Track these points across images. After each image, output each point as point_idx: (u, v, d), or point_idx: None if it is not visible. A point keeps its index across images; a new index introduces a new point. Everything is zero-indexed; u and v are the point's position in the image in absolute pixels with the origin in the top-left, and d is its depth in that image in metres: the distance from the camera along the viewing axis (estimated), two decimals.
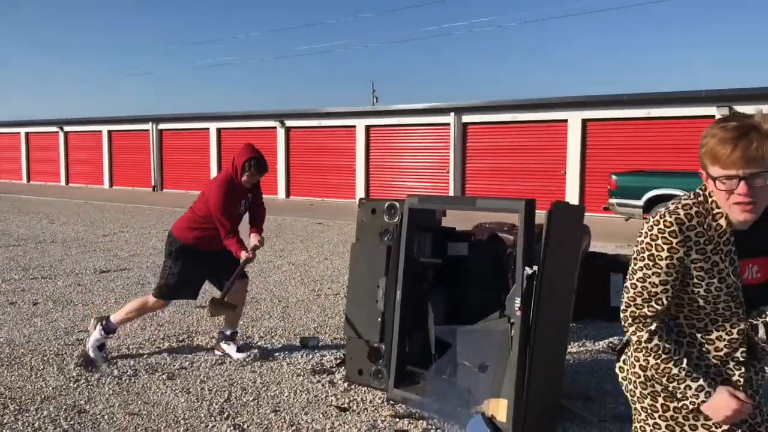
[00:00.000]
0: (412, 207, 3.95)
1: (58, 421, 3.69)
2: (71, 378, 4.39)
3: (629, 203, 12.22)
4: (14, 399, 4.00)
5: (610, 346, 5.16)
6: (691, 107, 15.69)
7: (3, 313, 6.08)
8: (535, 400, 3.43)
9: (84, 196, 22.66)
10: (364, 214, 4.28)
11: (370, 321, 4.18)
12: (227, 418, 3.77)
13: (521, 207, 3.43)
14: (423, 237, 4.25)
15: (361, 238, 4.30)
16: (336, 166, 22.05)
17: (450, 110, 19.48)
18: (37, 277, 7.84)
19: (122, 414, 3.81)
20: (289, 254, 9.91)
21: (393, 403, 3.95)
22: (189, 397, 4.08)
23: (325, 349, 5.07)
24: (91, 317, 5.91)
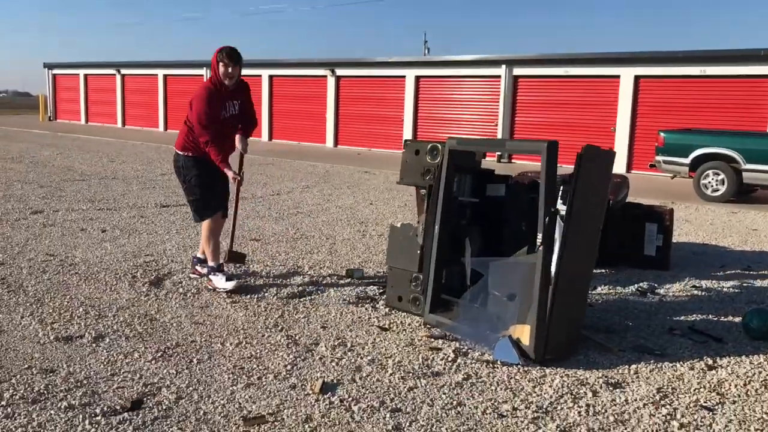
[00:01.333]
0: (452, 148, 4.26)
1: (133, 326, 4.19)
2: (141, 292, 4.90)
3: (676, 161, 12.23)
4: (93, 306, 4.53)
5: (639, 290, 5.43)
6: (748, 66, 15.37)
7: (76, 238, 6.65)
8: (555, 327, 3.77)
9: (141, 138, 23.48)
10: (408, 154, 4.61)
11: (410, 253, 4.55)
12: (281, 330, 4.22)
13: (543, 148, 3.71)
14: (463, 178, 4.57)
15: (405, 177, 4.64)
16: (385, 116, 22.29)
17: (501, 62, 19.43)
18: (102, 209, 8.44)
19: (188, 323, 4.30)
20: (337, 198, 10.33)
21: (429, 326, 4.34)
22: (247, 312, 4.55)
23: (369, 280, 5.48)
24: (155, 244, 6.45)
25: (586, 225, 3.92)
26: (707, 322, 4.70)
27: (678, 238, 7.55)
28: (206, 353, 3.81)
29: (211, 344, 3.95)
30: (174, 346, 3.88)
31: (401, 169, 4.68)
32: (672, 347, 4.17)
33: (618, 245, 6.16)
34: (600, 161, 3.97)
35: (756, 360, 4.00)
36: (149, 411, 3.09)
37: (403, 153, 4.68)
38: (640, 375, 3.72)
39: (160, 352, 3.79)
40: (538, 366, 3.76)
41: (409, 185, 4.74)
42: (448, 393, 3.40)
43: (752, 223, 9.35)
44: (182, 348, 3.87)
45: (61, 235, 6.75)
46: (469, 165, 4.58)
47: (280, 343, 3.99)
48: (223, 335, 4.10)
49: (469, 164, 4.57)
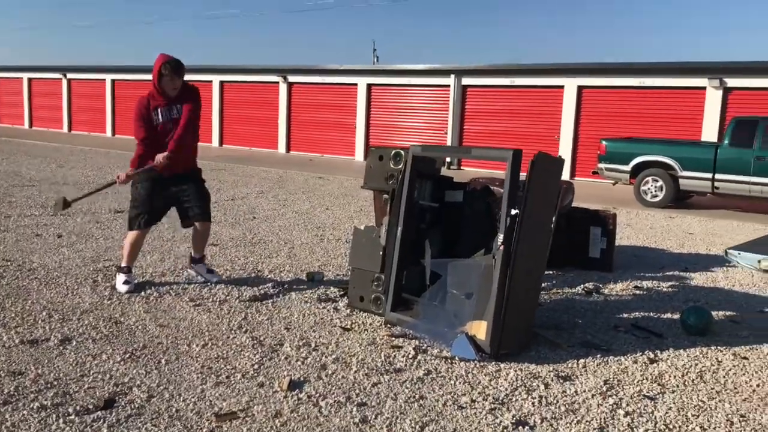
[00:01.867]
0: (416, 155, 4.47)
1: (99, 329, 4.25)
2: (104, 296, 4.95)
3: (617, 168, 12.77)
4: (57, 311, 4.56)
5: (585, 290, 5.74)
6: (683, 78, 16.13)
7: (31, 243, 6.61)
8: (510, 323, 4.00)
9: (88, 143, 23.04)
10: (372, 160, 4.80)
11: (373, 254, 4.74)
12: (245, 332, 4.34)
13: (509, 155, 3.95)
14: (424, 183, 4.79)
15: (369, 181, 4.83)
16: (337, 122, 22.46)
17: (450, 72, 19.84)
18: (56, 214, 8.35)
19: (153, 325, 4.38)
20: (293, 203, 10.44)
21: (390, 325, 4.53)
22: (210, 315, 4.65)
23: (330, 282, 5.63)
24: (113, 249, 6.46)
25: (538, 227, 4.16)
26: (649, 319, 5.02)
27: (620, 242, 7.93)
28: (174, 354, 3.90)
29: (178, 346, 4.05)
30: (141, 348, 3.96)
31: (365, 174, 4.86)
32: (617, 343, 4.45)
33: (564, 248, 6.46)
34: (550, 168, 4.23)
35: (693, 353, 4.31)
36: (122, 409, 3.18)
37: (367, 159, 4.87)
38: (588, 368, 3.98)
39: (128, 353, 3.87)
40: (493, 361, 3.98)
41: (373, 189, 4.93)
42: (410, 387, 3.59)
43: (689, 227, 9.85)
44: (149, 349, 3.95)
45: (16, 240, 6.70)
46: (430, 171, 4.80)
47: (245, 344, 4.11)
48: (188, 337, 4.20)
49: (429, 171, 4.78)
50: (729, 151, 11.53)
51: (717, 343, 4.51)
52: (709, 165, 11.65)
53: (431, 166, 4.82)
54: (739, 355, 4.31)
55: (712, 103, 15.81)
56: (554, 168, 4.27)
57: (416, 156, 4.49)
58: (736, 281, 6.38)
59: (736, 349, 4.42)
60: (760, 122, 11.47)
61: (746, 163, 11.31)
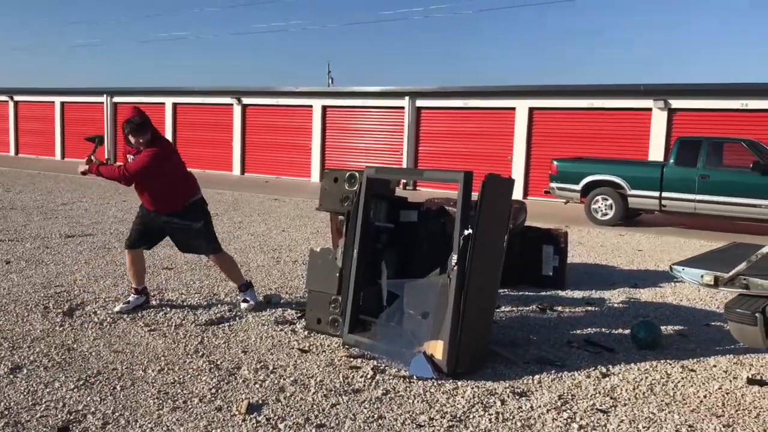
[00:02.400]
0: (370, 176, 4.53)
1: (51, 356, 4.17)
2: (56, 323, 4.84)
3: (568, 187, 13.05)
4: (6, 339, 4.45)
5: (539, 307, 5.85)
6: (630, 100, 16.64)
7: None
8: (466, 342, 4.07)
9: (37, 167, 22.51)
10: (327, 182, 4.84)
11: (329, 276, 4.76)
12: (202, 356, 4.30)
13: (461, 177, 4.04)
14: (379, 204, 4.84)
15: (324, 203, 4.86)
16: (292, 144, 22.43)
17: (405, 94, 20.05)
18: (4, 240, 8.15)
19: (108, 351, 4.31)
20: (248, 226, 10.38)
21: (348, 347, 4.54)
22: (166, 339, 4.59)
23: (287, 305, 5.62)
24: (64, 275, 6.34)
25: (491, 246, 4.25)
26: (601, 334, 5.15)
27: (572, 259, 8.11)
28: (129, 380, 3.85)
29: (133, 371, 3.99)
30: (95, 374, 3.90)
31: (320, 196, 4.89)
32: (570, 358, 4.56)
33: (518, 266, 6.59)
34: (501, 188, 4.34)
35: (643, 367, 4.43)
36: None
37: (322, 181, 4.91)
38: (543, 384, 4.06)
39: (82, 380, 3.80)
40: (450, 379, 4.03)
41: (329, 211, 4.96)
42: (369, 407, 3.61)
43: (638, 245, 10.13)
44: (104, 376, 3.89)
45: None
46: (385, 192, 4.86)
47: (202, 368, 4.08)
48: (144, 362, 4.15)
49: (384, 192, 4.84)
50: (675, 170, 11.92)
51: (666, 356, 4.65)
52: (656, 184, 12.02)
53: (386, 187, 4.88)
54: (687, 367, 4.45)
55: (658, 124, 16.33)
56: (505, 188, 4.37)
57: (370, 178, 4.54)
58: (683, 296, 6.59)
59: (684, 361, 4.57)
60: (703, 142, 11.90)
61: (691, 181, 11.71)
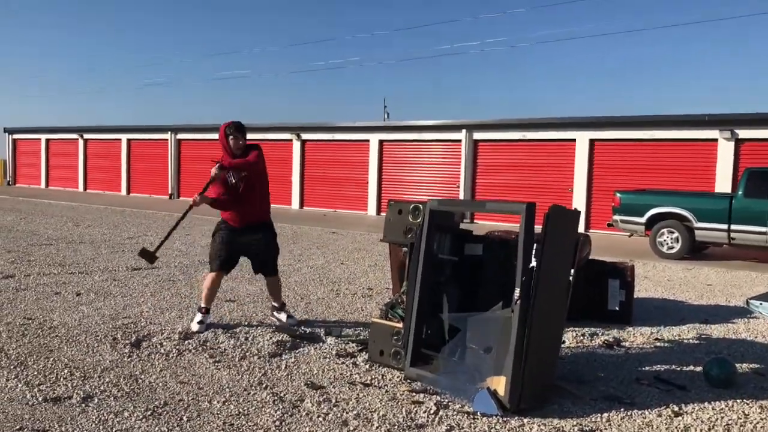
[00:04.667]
0: (433, 209, 4.53)
1: (120, 386, 4.26)
2: (124, 354, 4.96)
3: (632, 220, 12.75)
4: (78, 368, 4.58)
5: (605, 343, 5.68)
6: (694, 130, 16.25)
7: (51, 301, 6.67)
8: (529, 378, 3.98)
9: (103, 202, 23.35)
10: (391, 213, 4.87)
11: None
12: (265, 388, 4.33)
13: (523, 209, 4.00)
14: (443, 237, 4.83)
15: (388, 235, 4.88)
16: (349, 178, 22.68)
17: (461, 127, 20.09)
18: (74, 272, 8.44)
19: (174, 382, 4.38)
20: (308, 259, 10.49)
21: (410, 381, 4.50)
22: (230, 371, 4.64)
23: (347, 338, 5.62)
24: (131, 307, 6.51)
25: (555, 280, 4.17)
26: (671, 371, 4.96)
27: (638, 294, 7.88)
28: (195, 411, 3.90)
29: (199, 402, 4.04)
30: (162, 405, 3.96)
31: (385, 227, 4.92)
32: (640, 396, 4.40)
33: (583, 301, 6.43)
34: (565, 220, 4.27)
35: (718, 406, 4.24)
36: None
37: (386, 212, 4.94)
38: (612, 422, 3.93)
39: (150, 410, 3.87)
40: (516, 416, 3.94)
41: (392, 243, 4.97)
42: None
43: (706, 279, 9.78)
44: (170, 407, 3.95)
45: (36, 299, 6.76)
46: (448, 224, 4.84)
47: (266, 401, 4.10)
48: (209, 394, 4.20)
49: (448, 224, 4.83)
50: (744, 201, 11.52)
51: (742, 396, 4.44)
52: (724, 216, 11.63)
53: (449, 219, 4.86)
54: (766, 407, 4.24)
55: (725, 155, 15.87)
56: (570, 220, 4.30)
57: (433, 210, 4.54)
58: (758, 332, 6.30)
59: (763, 401, 4.35)
60: None
61: (762, 213, 11.28)
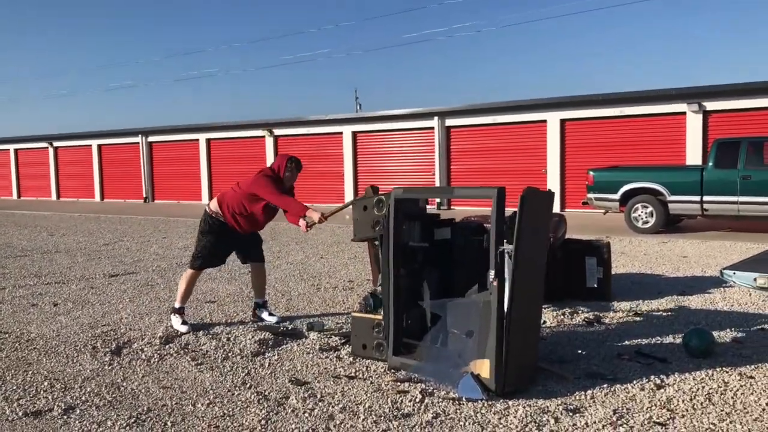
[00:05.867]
0: (398, 197, 4.54)
1: (102, 395, 4.21)
2: (104, 362, 4.91)
3: (606, 197, 12.88)
4: (58, 380, 4.52)
5: (586, 320, 5.74)
6: (663, 105, 16.42)
7: (28, 313, 6.57)
8: (512, 359, 4.01)
9: (78, 209, 23.05)
10: (357, 212, 4.86)
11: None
12: (249, 387, 4.30)
13: (494, 193, 4.01)
14: (411, 225, 4.84)
15: (358, 233, 4.88)
16: (325, 171, 22.62)
17: (433, 114, 20.11)
18: (50, 282, 8.32)
19: (156, 388, 4.34)
20: (287, 255, 10.44)
21: (394, 370, 4.51)
22: (213, 373, 4.61)
23: (330, 332, 5.61)
24: (110, 314, 6.44)
25: (532, 261, 4.19)
26: (651, 345, 5.02)
27: (616, 270, 7.96)
28: (179, 415, 3.87)
29: (183, 406, 4.01)
30: (146, 412, 3.93)
31: (353, 226, 4.92)
32: (622, 371, 4.45)
33: (561, 280, 6.49)
34: (540, 201, 4.29)
35: (698, 376, 4.31)
36: None
37: (352, 211, 4.92)
38: (596, 399, 3.97)
39: (133, 418, 3.83)
40: (501, 399, 3.96)
41: (363, 240, 4.96)
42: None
43: (682, 251, 9.91)
44: (154, 413, 3.92)
45: (12, 312, 6.65)
46: (415, 212, 4.86)
47: (251, 400, 4.08)
48: (192, 397, 4.17)
49: (415, 211, 4.85)
50: (714, 172, 11.68)
51: (721, 364, 4.51)
52: (696, 188, 11.79)
53: (415, 206, 4.89)
54: (745, 374, 4.31)
55: (693, 127, 16.07)
56: (544, 201, 4.32)
57: (398, 199, 4.56)
58: (734, 301, 6.40)
59: (742, 369, 4.42)
60: (742, 142, 11.66)
61: (732, 183, 11.46)
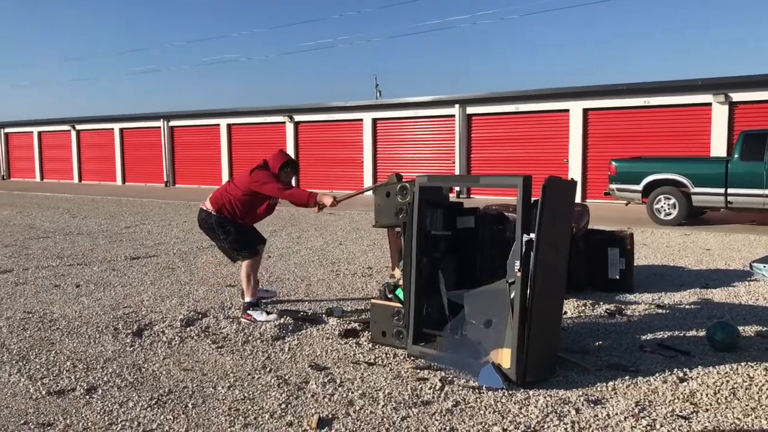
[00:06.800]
0: (422, 185, 4.50)
1: (123, 376, 4.25)
2: (126, 343, 4.95)
3: (629, 188, 12.74)
4: (81, 360, 4.56)
5: (608, 312, 5.68)
6: (688, 95, 16.18)
7: (50, 294, 6.64)
8: (534, 349, 3.97)
9: (99, 192, 23.26)
10: (379, 198, 4.82)
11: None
12: (270, 371, 4.32)
13: (520, 182, 3.97)
14: (434, 213, 4.79)
15: (380, 219, 4.85)
16: (344, 158, 22.61)
17: (454, 102, 19.98)
18: (73, 264, 8.41)
19: (177, 370, 4.37)
20: (306, 240, 10.46)
21: (413, 358, 4.50)
22: (233, 356, 4.63)
23: (349, 317, 5.61)
24: (131, 296, 6.49)
25: (555, 251, 4.15)
26: (674, 337, 4.96)
27: (638, 261, 7.88)
28: (200, 397, 3.89)
29: (203, 389, 4.03)
30: (167, 393, 3.95)
31: (375, 212, 4.89)
32: (644, 363, 4.40)
33: (583, 271, 6.43)
34: (562, 191, 4.24)
35: (723, 370, 4.25)
36: None
37: (375, 197, 4.88)
38: (617, 391, 3.93)
39: (155, 399, 3.86)
40: (521, 389, 3.93)
41: (385, 227, 4.93)
42: (440, 420, 3.55)
43: (705, 244, 9.79)
44: (175, 394, 3.94)
45: (35, 292, 6.73)
46: (438, 199, 4.82)
47: (270, 384, 4.09)
48: (213, 380, 4.19)
49: (438, 199, 4.80)
50: (740, 165, 11.49)
51: (746, 359, 4.45)
52: (720, 180, 11.62)
53: (439, 194, 4.84)
54: None
55: (719, 118, 15.82)
56: (567, 190, 4.27)
57: (423, 186, 4.51)
58: (759, 295, 6.31)
59: (767, 364, 4.36)
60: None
61: (758, 176, 11.27)
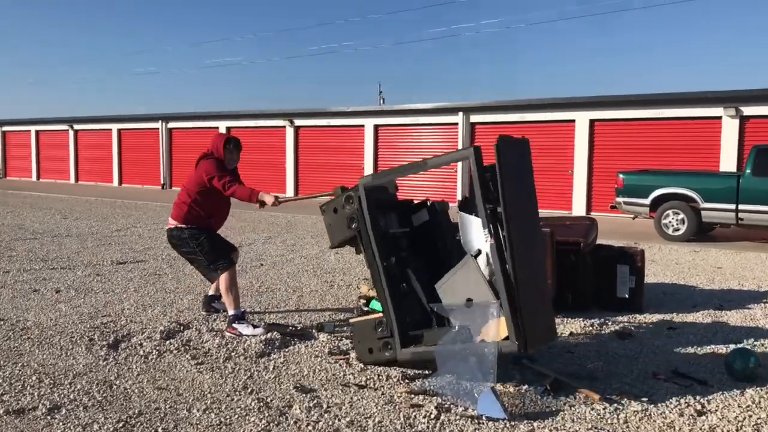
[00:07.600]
0: (367, 185, 4.24)
1: (92, 394, 3.89)
2: (100, 357, 4.59)
3: (636, 201, 12.39)
4: (48, 374, 4.21)
5: (617, 333, 5.33)
6: (698, 108, 15.83)
7: (28, 299, 6.30)
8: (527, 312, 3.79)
9: (94, 193, 22.94)
10: (328, 217, 4.52)
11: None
12: (251, 392, 3.96)
13: (470, 153, 3.90)
14: (388, 216, 4.59)
15: (334, 238, 4.56)
16: (344, 164, 22.26)
17: (458, 110, 19.66)
18: (56, 268, 8.06)
19: (151, 388, 4.02)
20: (301, 248, 10.12)
21: (408, 381, 4.14)
22: (213, 374, 4.28)
23: (341, 333, 5.26)
24: (113, 304, 6.14)
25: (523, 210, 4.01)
26: (689, 364, 4.60)
27: (646, 279, 7.51)
28: (171, 421, 3.54)
29: (177, 411, 3.68)
30: (137, 415, 3.60)
31: (328, 234, 4.61)
32: (658, 393, 4.05)
33: (591, 288, 6.08)
34: (516, 149, 4.15)
35: (744, 403, 3.89)
36: None
37: (323, 219, 4.57)
38: (630, 424, 3.58)
39: (122, 422, 3.50)
40: (525, 420, 3.58)
41: (343, 245, 4.62)
42: None
43: (716, 262, 9.43)
44: (145, 417, 3.59)
45: (12, 297, 6.38)
46: (387, 198, 4.65)
47: (250, 408, 3.74)
48: (189, 401, 3.84)
49: (387, 198, 4.65)
50: (752, 180, 11.13)
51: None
52: (732, 195, 11.25)
53: (387, 193, 4.67)
54: None
55: (729, 132, 15.47)
56: (521, 149, 4.20)
57: (368, 186, 4.27)
58: None
59: None
60: None
61: None
